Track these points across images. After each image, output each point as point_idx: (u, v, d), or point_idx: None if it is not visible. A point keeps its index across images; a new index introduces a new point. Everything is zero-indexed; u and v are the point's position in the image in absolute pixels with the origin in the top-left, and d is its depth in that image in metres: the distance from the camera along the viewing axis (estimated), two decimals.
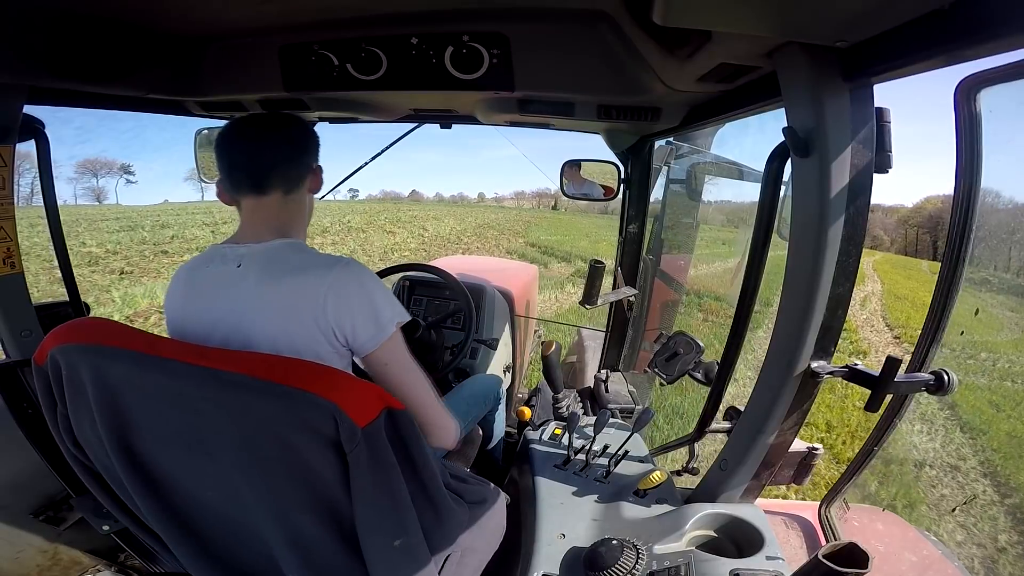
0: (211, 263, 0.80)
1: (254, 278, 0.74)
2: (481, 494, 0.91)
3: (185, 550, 0.73)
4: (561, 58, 0.99)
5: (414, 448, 0.66)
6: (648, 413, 1.13)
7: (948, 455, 4.13)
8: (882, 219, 63.58)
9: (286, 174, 0.83)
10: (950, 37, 0.53)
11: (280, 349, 0.71)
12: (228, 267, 0.77)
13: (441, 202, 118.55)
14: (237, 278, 0.76)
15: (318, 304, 0.72)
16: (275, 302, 0.72)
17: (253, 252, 0.78)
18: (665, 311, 2.23)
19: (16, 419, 1.03)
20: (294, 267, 0.75)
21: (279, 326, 0.72)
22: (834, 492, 1.13)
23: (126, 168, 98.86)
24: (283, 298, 0.72)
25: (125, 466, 0.69)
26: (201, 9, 0.96)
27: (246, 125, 0.84)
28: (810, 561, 0.62)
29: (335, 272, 0.74)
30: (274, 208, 0.83)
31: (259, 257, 0.77)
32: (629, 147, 1.62)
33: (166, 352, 0.63)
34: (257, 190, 0.82)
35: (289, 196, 0.84)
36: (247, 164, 0.82)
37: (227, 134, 0.82)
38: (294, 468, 0.61)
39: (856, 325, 8.86)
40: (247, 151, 0.82)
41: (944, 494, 3.56)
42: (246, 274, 0.75)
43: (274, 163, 0.82)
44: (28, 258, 8.79)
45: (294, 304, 0.72)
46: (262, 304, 0.73)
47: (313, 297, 0.72)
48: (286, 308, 0.72)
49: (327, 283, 0.72)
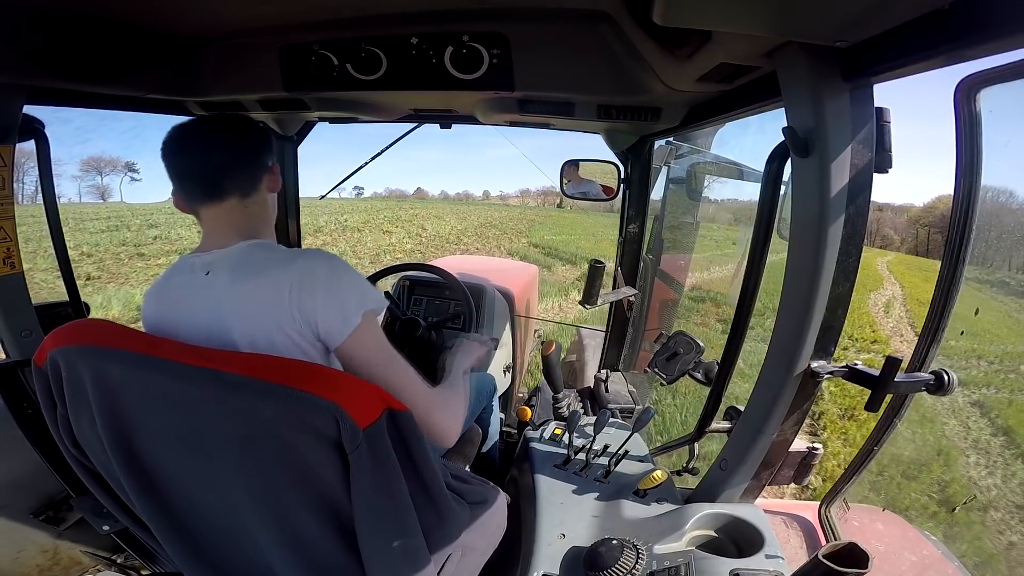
0: (180, 274, 0.78)
1: (224, 283, 0.72)
2: (482, 494, 0.91)
3: (180, 552, 0.73)
4: (561, 58, 0.99)
5: (415, 448, 0.66)
6: (648, 413, 1.13)
7: (1012, 492, 3.48)
8: (892, 218, 62.64)
9: (240, 177, 0.79)
10: (950, 37, 0.53)
11: (260, 350, 0.69)
12: (196, 276, 0.75)
13: (446, 200, 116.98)
14: (207, 285, 0.73)
15: (284, 299, 0.69)
16: (247, 303, 0.70)
17: (220, 258, 0.75)
18: (665, 311, 2.23)
19: (16, 419, 1.03)
20: (260, 266, 0.72)
21: (255, 326, 0.70)
22: (834, 492, 1.13)
23: (130, 166, 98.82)
24: (253, 298, 0.70)
25: (124, 467, 0.69)
26: (201, 9, 0.96)
27: (191, 130, 0.79)
28: (810, 561, 0.62)
29: (298, 263, 0.71)
30: (234, 214, 0.79)
31: (227, 262, 0.74)
32: (629, 147, 1.62)
33: (167, 353, 0.63)
34: (212, 198, 0.78)
35: (247, 199, 0.80)
36: (197, 171, 0.78)
37: (172, 141, 0.77)
38: (294, 469, 0.61)
39: (886, 335, 8.08)
40: (196, 157, 0.77)
41: (1013, 541, 2.88)
42: (215, 281, 0.73)
43: (225, 167, 0.78)
44: (37, 256, 8.66)
45: (264, 302, 0.70)
46: (235, 307, 0.71)
47: (280, 292, 0.69)
48: (258, 308, 0.70)
49: (290, 276, 0.70)
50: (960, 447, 4.20)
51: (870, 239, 53.19)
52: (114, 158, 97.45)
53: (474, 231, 23.68)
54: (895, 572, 1.07)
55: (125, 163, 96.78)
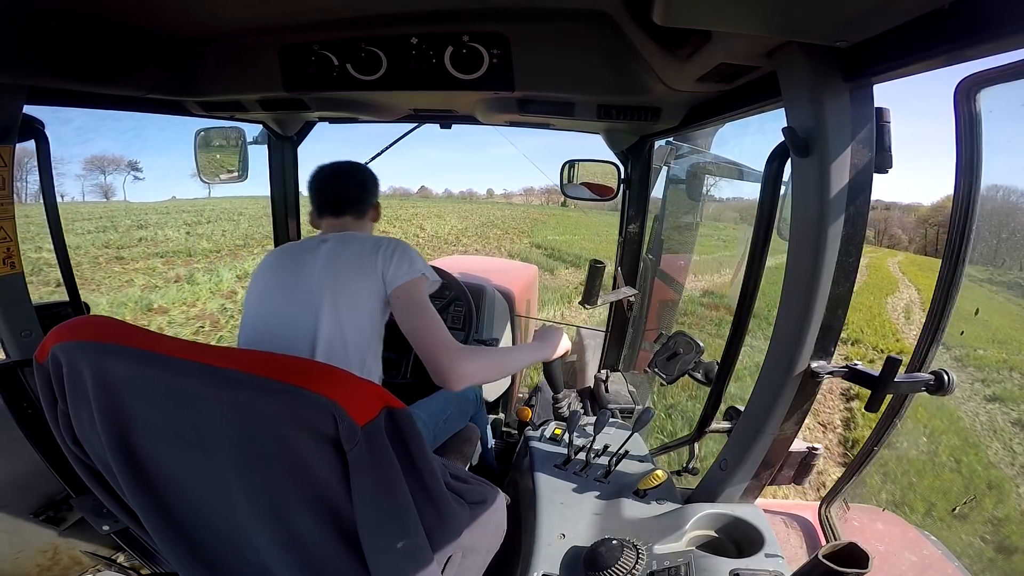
0: (303, 247, 1.13)
1: (332, 246, 1.09)
2: (481, 494, 0.91)
3: (175, 550, 0.73)
4: (561, 58, 0.99)
5: (415, 447, 0.65)
6: (648, 413, 1.13)
7: None
8: (900, 217, 61.96)
9: (356, 206, 1.20)
10: (950, 37, 0.53)
11: (350, 283, 1.03)
12: (315, 243, 1.11)
13: (450, 198, 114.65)
14: (322, 246, 1.10)
15: (367, 256, 1.05)
16: (345, 258, 1.06)
17: (333, 236, 1.13)
18: (665, 311, 2.23)
19: (16, 419, 1.03)
20: (355, 238, 1.12)
21: (351, 267, 1.05)
22: (834, 492, 1.13)
23: (133, 165, 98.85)
24: (351, 255, 1.06)
25: (121, 463, 0.68)
26: (201, 9, 0.96)
27: (331, 171, 1.21)
28: (810, 561, 0.62)
29: (384, 240, 1.10)
30: (345, 225, 1.19)
31: (336, 237, 1.13)
32: (629, 147, 1.62)
33: (166, 349, 0.63)
34: (335, 215, 1.19)
35: (357, 221, 1.21)
36: (331, 197, 1.20)
37: (319, 177, 1.20)
38: (292, 466, 0.60)
39: (910, 343, 6.96)
40: (332, 189, 1.20)
41: None
42: (326, 245, 1.10)
43: (348, 198, 1.20)
44: (50, 254, 8.42)
45: (358, 255, 1.06)
46: (336, 259, 1.07)
47: (370, 251, 1.06)
48: (352, 261, 1.05)
49: (374, 242, 1.08)
50: (1008, 475, 3.85)
51: (877, 239, 52.59)
52: (117, 157, 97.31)
53: (475, 231, 22.99)
54: (895, 572, 1.07)
55: (128, 162, 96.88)
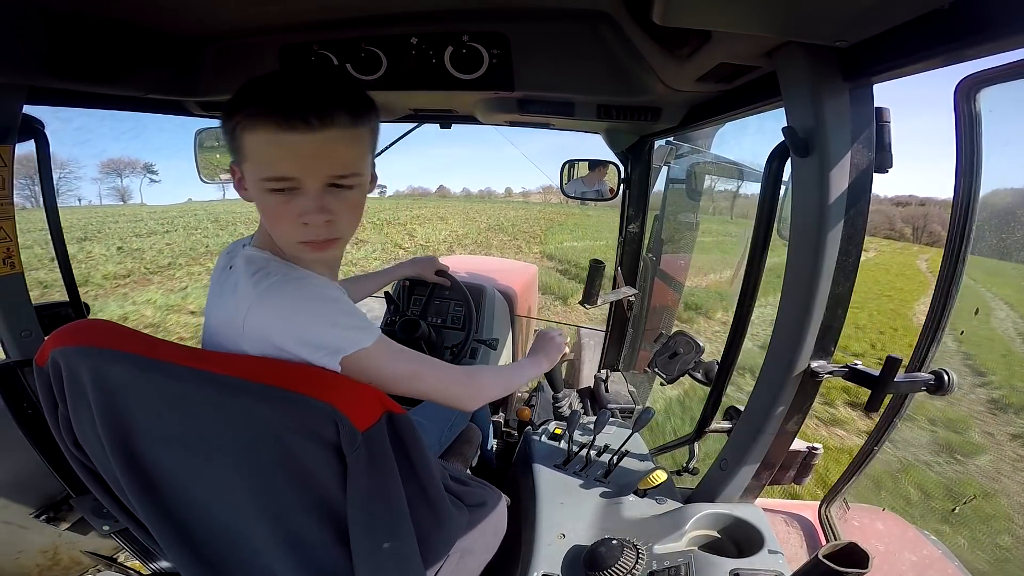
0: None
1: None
2: (481, 496, 0.91)
3: (178, 552, 0.73)
4: (561, 58, 0.99)
5: (414, 452, 0.66)
6: (648, 413, 1.13)
7: None
8: (939, 213, 61.69)
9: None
10: (950, 37, 0.53)
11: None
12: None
13: (468, 198, 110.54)
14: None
15: None
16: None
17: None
18: (665, 311, 2.23)
19: (16, 419, 1.03)
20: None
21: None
22: (834, 492, 1.13)
23: (149, 167, 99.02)
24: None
25: (123, 467, 0.68)
26: (201, 9, 0.96)
27: None
28: (810, 561, 0.62)
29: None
30: None
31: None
32: (629, 147, 1.62)
33: (165, 355, 0.63)
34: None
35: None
36: None
37: None
38: (293, 471, 0.60)
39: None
40: None
41: None
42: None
43: None
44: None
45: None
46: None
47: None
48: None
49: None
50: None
51: (916, 235, 51.87)
52: (133, 160, 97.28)
53: (476, 237, 20.25)
54: (895, 572, 1.07)
55: (144, 164, 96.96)
